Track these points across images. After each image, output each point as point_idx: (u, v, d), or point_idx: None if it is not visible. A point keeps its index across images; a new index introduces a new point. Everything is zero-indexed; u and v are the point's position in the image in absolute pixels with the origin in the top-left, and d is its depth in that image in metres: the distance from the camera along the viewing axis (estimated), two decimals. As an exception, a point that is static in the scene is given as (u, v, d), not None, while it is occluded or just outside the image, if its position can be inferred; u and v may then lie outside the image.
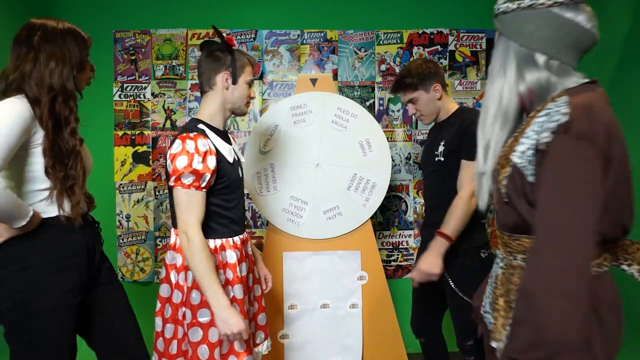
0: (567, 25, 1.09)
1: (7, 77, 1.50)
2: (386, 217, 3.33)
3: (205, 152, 1.61)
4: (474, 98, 3.36)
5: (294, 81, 3.27)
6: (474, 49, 3.36)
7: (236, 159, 1.80)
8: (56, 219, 1.54)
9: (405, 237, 3.35)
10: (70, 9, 3.20)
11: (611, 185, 1.01)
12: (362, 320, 2.37)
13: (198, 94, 3.27)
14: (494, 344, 1.21)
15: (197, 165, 1.58)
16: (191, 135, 1.62)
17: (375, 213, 2.48)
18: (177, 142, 1.62)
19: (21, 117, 1.42)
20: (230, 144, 1.80)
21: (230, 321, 1.55)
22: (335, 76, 3.31)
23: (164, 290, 1.71)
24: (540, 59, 1.11)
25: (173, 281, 1.68)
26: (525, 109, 1.16)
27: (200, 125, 1.70)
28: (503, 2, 1.16)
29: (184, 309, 1.64)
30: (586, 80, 1.13)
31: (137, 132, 3.23)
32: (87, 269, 1.62)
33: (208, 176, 1.61)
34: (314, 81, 2.45)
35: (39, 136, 1.48)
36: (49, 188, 1.52)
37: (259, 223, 3.30)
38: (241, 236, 1.79)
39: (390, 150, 2.45)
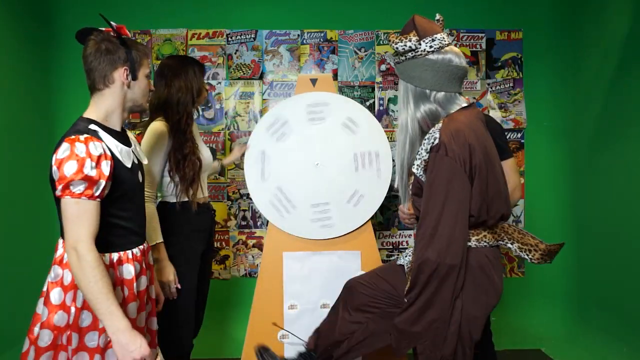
0: (440, 65, 1.49)
1: (152, 102, 2.07)
2: (386, 217, 3.33)
3: (99, 157, 1.41)
4: (474, 98, 3.36)
5: (294, 81, 3.27)
6: (474, 49, 3.37)
7: (136, 162, 1.61)
8: (181, 204, 2.07)
9: (405, 237, 3.35)
10: (70, 9, 3.21)
11: (480, 183, 1.43)
12: (362, 320, 2.37)
13: (198, 94, 3.27)
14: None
15: (90, 171, 1.37)
16: (81, 137, 1.41)
17: (375, 213, 2.47)
18: (65, 145, 1.39)
19: (162, 135, 2.03)
20: (129, 145, 1.60)
21: (131, 347, 1.37)
22: (335, 76, 3.31)
23: (40, 310, 1.48)
24: (430, 94, 1.51)
25: (55, 301, 1.45)
26: (424, 132, 1.55)
27: (92, 126, 1.47)
28: (395, 54, 1.57)
29: (69, 332, 1.44)
30: (465, 104, 1.53)
31: (138, 132, 3.22)
32: (204, 242, 2.19)
33: (103, 183, 1.40)
34: (314, 81, 2.45)
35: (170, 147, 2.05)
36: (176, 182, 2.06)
37: (259, 223, 3.30)
38: (141, 247, 1.61)
39: (391, 151, 2.44)
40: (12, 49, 2.82)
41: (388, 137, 3.22)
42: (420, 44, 1.50)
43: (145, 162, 1.74)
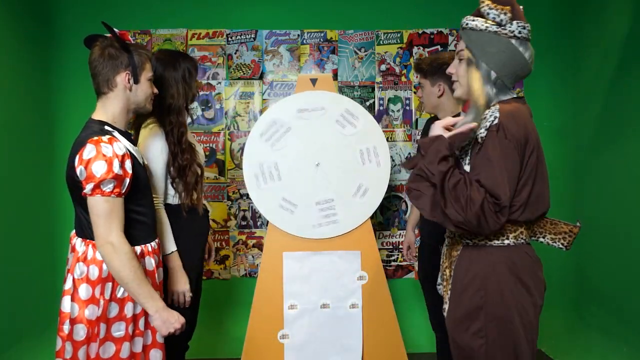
0: (518, 56, 1.41)
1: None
2: (386, 217, 3.33)
3: (124, 156, 1.51)
4: (474, 98, 3.36)
5: (294, 81, 3.27)
6: (474, 49, 3.36)
7: (143, 161, 1.72)
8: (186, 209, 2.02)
9: (405, 237, 3.35)
10: (70, 9, 3.21)
11: (531, 172, 1.38)
12: (362, 320, 2.37)
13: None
14: (445, 306, 1.55)
15: (118, 170, 1.48)
16: (104, 138, 1.50)
17: (375, 213, 2.47)
18: (89, 146, 1.48)
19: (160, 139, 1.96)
20: (135, 145, 1.71)
21: (171, 319, 1.58)
22: (335, 76, 3.32)
23: (68, 308, 1.56)
24: (493, 76, 1.43)
25: (84, 297, 1.54)
26: None
27: (107, 127, 1.58)
28: (472, 20, 1.44)
29: (99, 324, 1.55)
30: (515, 95, 1.48)
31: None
32: (204, 244, 2.19)
33: (128, 181, 1.52)
34: (314, 81, 2.45)
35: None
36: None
37: (259, 223, 3.30)
38: (157, 240, 1.74)
39: (390, 150, 2.45)
40: (12, 49, 2.82)
41: (388, 137, 3.23)
42: (512, 24, 1.39)
43: (146, 162, 1.82)
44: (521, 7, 1.46)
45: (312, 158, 2.36)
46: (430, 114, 2.70)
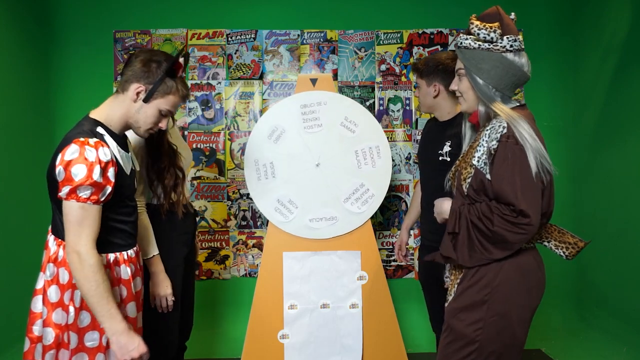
0: (513, 67, 1.47)
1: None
2: (386, 217, 3.33)
3: (107, 163, 1.43)
4: (474, 98, 3.36)
5: (294, 81, 3.27)
6: (474, 49, 3.36)
7: (133, 168, 1.64)
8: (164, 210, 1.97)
9: (405, 237, 3.35)
10: (70, 9, 3.21)
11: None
12: (362, 320, 2.37)
13: (198, 94, 3.27)
14: (448, 298, 1.62)
15: (98, 177, 1.40)
16: (91, 141, 1.42)
17: (375, 213, 2.47)
18: (74, 146, 1.40)
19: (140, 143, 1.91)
20: (127, 150, 1.63)
21: (130, 346, 1.45)
22: (335, 76, 3.31)
23: (39, 308, 1.51)
24: (491, 90, 1.49)
25: (53, 300, 1.47)
26: (478, 125, 1.57)
27: (99, 129, 1.50)
28: (465, 38, 1.51)
29: (68, 331, 1.47)
30: (517, 103, 1.53)
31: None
32: (188, 244, 2.11)
33: (109, 189, 1.44)
34: (314, 81, 2.45)
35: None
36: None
37: (259, 223, 3.30)
38: (135, 248, 1.66)
39: (390, 150, 2.45)
40: (12, 49, 2.82)
41: (388, 137, 3.23)
42: (502, 39, 1.45)
43: (138, 168, 1.77)
44: (512, 15, 1.53)
45: (312, 158, 2.37)
46: (429, 114, 2.71)
